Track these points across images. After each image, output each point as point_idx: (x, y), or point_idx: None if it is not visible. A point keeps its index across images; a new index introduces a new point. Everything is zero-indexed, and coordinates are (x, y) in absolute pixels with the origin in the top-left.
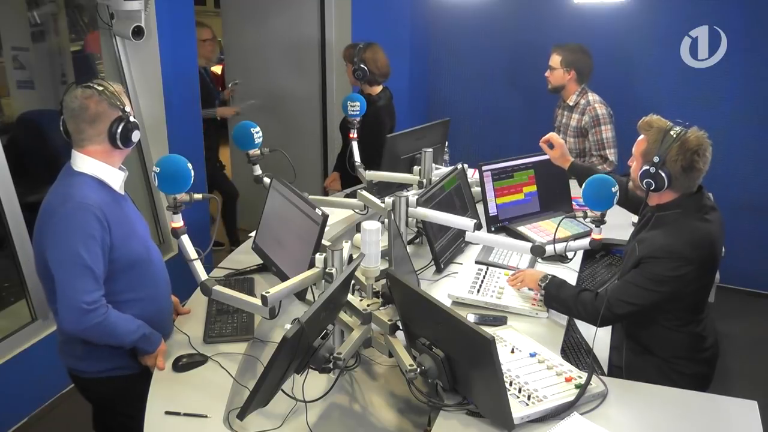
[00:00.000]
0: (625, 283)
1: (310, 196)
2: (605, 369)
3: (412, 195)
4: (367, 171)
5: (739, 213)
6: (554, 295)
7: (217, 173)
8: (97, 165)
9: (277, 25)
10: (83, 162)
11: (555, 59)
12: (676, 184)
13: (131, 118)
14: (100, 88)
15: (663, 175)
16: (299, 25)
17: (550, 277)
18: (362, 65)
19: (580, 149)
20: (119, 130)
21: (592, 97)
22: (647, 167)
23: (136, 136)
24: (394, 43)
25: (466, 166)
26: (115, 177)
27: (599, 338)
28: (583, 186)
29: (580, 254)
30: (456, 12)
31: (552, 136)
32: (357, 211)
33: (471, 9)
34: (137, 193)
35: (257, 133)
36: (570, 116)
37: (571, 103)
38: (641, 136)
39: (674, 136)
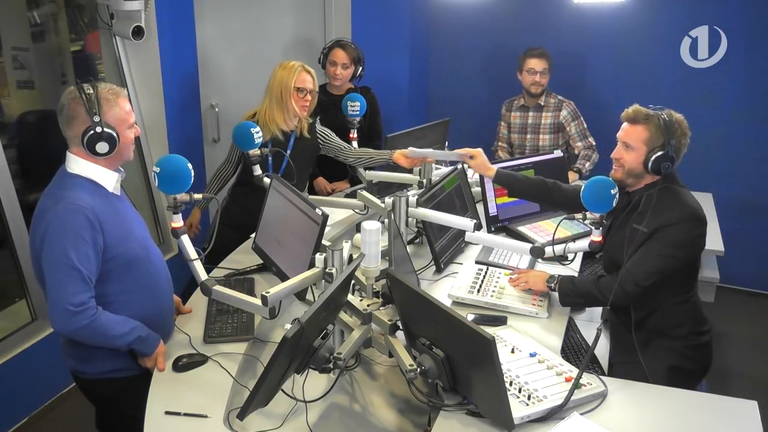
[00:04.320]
0: (644, 255)
1: (310, 196)
2: (605, 369)
3: (412, 195)
4: (367, 171)
5: (739, 213)
6: (571, 291)
7: None
8: (89, 166)
9: (278, 25)
10: (76, 164)
11: (545, 63)
12: (676, 163)
13: (101, 128)
14: (88, 91)
15: (674, 155)
16: (299, 25)
17: (557, 276)
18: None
19: (555, 144)
20: (86, 138)
21: (560, 96)
22: (661, 152)
23: (100, 147)
24: (394, 43)
25: (466, 166)
26: (108, 178)
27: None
28: (582, 188)
29: (579, 254)
30: (456, 11)
31: (468, 150)
32: (357, 211)
33: (471, 8)
34: (137, 193)
35: (257, 133)
36: (540, 115)
37: (542, 103)
38: (629, 126)
39: (668, 119)
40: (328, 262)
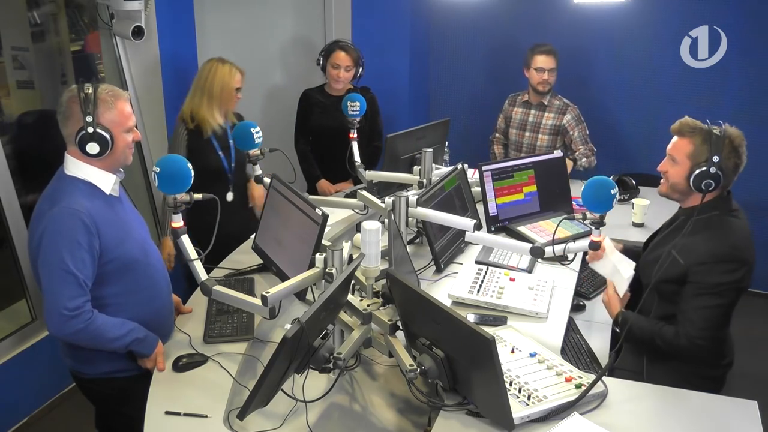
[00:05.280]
0: (693, 313)
1: (310, 196)
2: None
3: (412, 195)
4: (367, 171)
5: None
6: (628, 334)
7: None
8: (86, 169)
9: (278, 25)
10: (74, 166)
11: (552, 61)
12: (725, 181)
13: (93, 129)
14: (87, 91)
15: (720, 174)
16: (299, 25)
17: (621, 315)
18: None
19: (553, 146)
20: (78, 137)
21: (566, 98)
22: (704, 168)
23: (91, 148)
24: (394, 43)
25: (466, 165)
26: (105, 180)
27: (599, 339)
28: (583, 188)
29: (579, 254)
30: (456, 11)
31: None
32: (357, 211)
33: (471, 8)
34: (137, 194)
35: (257, 133)
36: (542, 115)
37: (546, 103)
38: (677, 139)
39: (720, 135)
40: (328, 262)
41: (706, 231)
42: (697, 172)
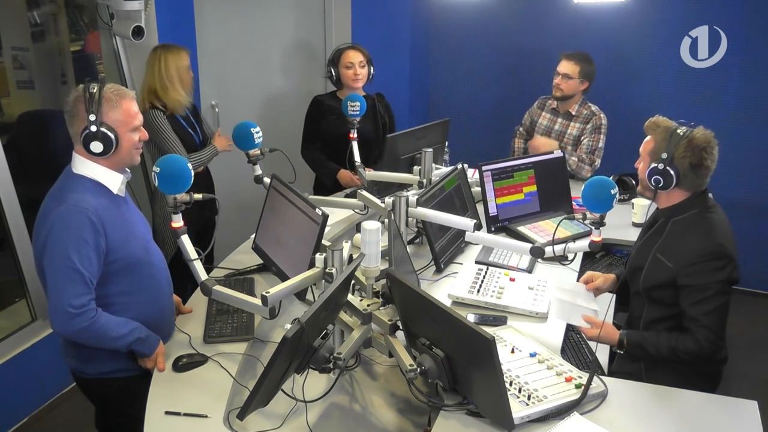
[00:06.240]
0: (706, 318)
1: (310, 196)
2: (605, 369)
3: (412, 195)
4: (367, 171)
5: (738, 213)
6: (644, 357)
7: None
8: (93, 167)
9: (277, 26)
10: (81, 164)
11: (572, 68)
12: (685, 181)
13: (96, 128)
14: (92, 90)
15: (671, 172)
16: (299, 26)
17: (624, 339)
18: None
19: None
20: (82, 136)
21: (595, 107)
22: (655, 164)
23: (95, 146)
24: (394, 43)
25: (466, 166)
26: (113, 180)
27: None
28: (582, 187)
29: (579, 254)
30: (456, 12)
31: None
32: (357, 211)
33: (471, 9)
34: (138, 194)
35: (257, 133)
36: (568, 124)
37: (573, 112)
38: (648, 137)
39: (681, 134)
40: (328, 262)
41: (690, 231)
42: (650, 168)
